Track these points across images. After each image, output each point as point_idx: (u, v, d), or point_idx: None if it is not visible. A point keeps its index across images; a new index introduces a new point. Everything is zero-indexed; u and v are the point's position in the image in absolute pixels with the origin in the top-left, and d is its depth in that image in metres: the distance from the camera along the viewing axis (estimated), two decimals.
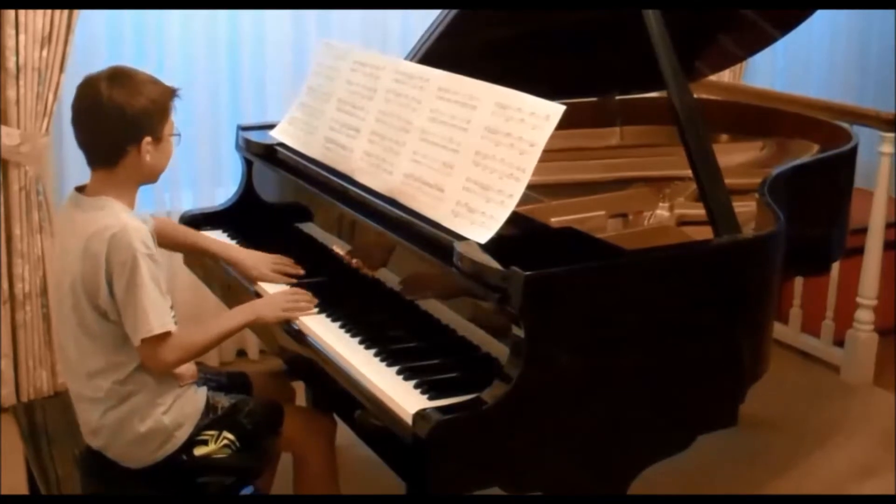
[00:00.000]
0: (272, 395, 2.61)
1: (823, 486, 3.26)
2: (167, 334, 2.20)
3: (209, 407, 2.37)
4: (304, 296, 2.46)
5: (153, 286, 2.18)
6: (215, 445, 2.34)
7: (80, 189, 2.30)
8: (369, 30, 4.06)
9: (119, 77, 2.22)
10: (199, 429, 2.34)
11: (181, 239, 2.75)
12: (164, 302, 2.22)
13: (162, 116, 2.25)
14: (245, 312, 2.43)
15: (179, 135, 2.33)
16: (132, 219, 2.22)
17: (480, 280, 2.05)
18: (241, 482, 2.39)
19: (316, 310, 2.44)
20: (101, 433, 2.31)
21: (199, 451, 2.33)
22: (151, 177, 2.31)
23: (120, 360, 2.25)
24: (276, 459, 2.65)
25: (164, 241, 2.57)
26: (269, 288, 2.61)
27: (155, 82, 2.26)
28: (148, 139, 2.22)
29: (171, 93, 2.28)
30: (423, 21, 2.95)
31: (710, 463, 3.21)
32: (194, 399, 2.36)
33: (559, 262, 2.04)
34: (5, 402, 3.57)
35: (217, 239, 2.85)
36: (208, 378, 2.52)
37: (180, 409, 2.32)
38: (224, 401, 2.41)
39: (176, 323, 2.26)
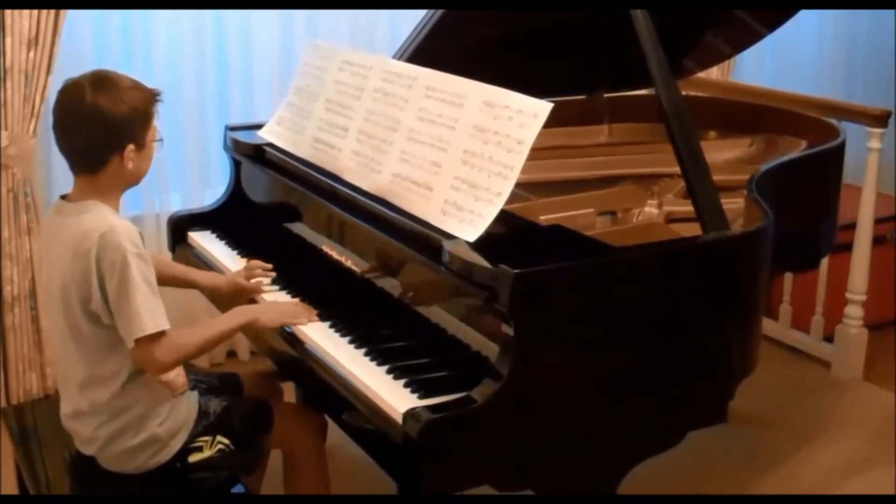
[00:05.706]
0: (261, 394, 2.61)
1: (814, 482, 3.26)
2: (162, 334, 2.16)
3: (202, 413, 2.35)
4: (307, 309, 2.44)
5: (144, 286, 2.15)
6: (210, 451, 2.33)
7: (64, 197, 2.26)
8: (357, 30, 4.05)
9: (102, 83, 2.17)
10: (193, 436, 2.32)
11: (169, 272, 2.67)
12: (157, 301, 2.18)
13: (145, 123, 2.21)
14: (243, 314, 2.40)
15: (162, 140, 2.28)
16: (119, 219, 2.19)
17: (469, 278, 2.05)
18: (233, 477, 2.38)
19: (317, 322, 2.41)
20: (94, 444, 2.28)
21: (193, 457, 2.31)
22: (134, 181, 2.27)
23: (113, 370, 2.21)
24: (267, 456, 2.64)
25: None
26: (267, 296, 2.61)
27: (137, 87, 2.21)
28: (131, 147, 2.18)
29: (153, 97, 2.23)
30: (411, 21, 2.95)
31: (700, 460, 3.22)
32: (188, 406, 2.34)
33: (548, 259, 2.04)
34: None
35: (204, 273, 2.79)
36: (199, 381, 2.50)
37: (175, 418, 2.30)
38: (215, 404, 2.40)
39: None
